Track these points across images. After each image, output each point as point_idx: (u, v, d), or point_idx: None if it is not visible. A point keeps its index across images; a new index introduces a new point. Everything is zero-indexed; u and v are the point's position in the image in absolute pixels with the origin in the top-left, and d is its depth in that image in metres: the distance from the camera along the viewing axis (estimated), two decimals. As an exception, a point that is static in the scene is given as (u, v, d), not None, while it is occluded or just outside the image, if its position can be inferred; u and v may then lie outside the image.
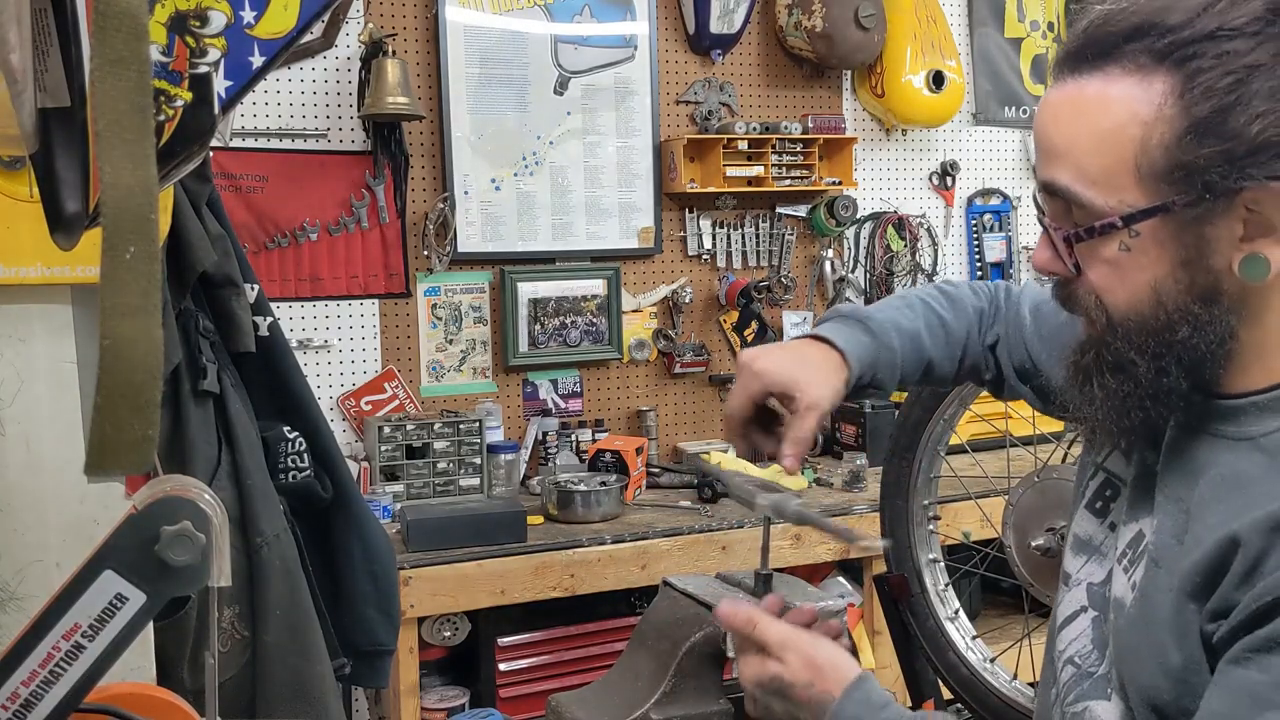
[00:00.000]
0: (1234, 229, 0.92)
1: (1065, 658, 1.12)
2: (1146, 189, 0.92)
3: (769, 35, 3.71)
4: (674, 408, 3.67)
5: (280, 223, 3.16)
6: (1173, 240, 0.93)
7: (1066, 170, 0.96)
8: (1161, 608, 0.97)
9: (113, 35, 0.70)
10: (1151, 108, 0.91)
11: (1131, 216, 0.93)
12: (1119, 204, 0.93)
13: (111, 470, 0.71)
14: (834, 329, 1.31)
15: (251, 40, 1.09)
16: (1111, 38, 0.93)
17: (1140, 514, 1.05)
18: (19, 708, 0.89)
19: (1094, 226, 0.95)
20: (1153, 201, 0.92)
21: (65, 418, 1.81)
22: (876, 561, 2.97)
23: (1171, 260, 0.93)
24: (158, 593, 0.91)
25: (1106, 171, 0.93)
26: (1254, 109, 0.88)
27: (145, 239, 0.70)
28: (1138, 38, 0.92)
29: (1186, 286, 0.94)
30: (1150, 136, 0.91)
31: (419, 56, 3.30)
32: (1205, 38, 0.89)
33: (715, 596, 1.32)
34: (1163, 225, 0.92)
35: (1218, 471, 0.97)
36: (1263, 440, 0.96)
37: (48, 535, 1.80)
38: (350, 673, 2.33)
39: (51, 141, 0.91)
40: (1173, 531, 0.98)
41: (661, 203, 3.59)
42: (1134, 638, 1.00)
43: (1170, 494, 1.00)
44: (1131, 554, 1.04)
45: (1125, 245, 0.94)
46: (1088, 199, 0.95)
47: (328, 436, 2.33)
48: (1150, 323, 0.95)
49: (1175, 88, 0.90)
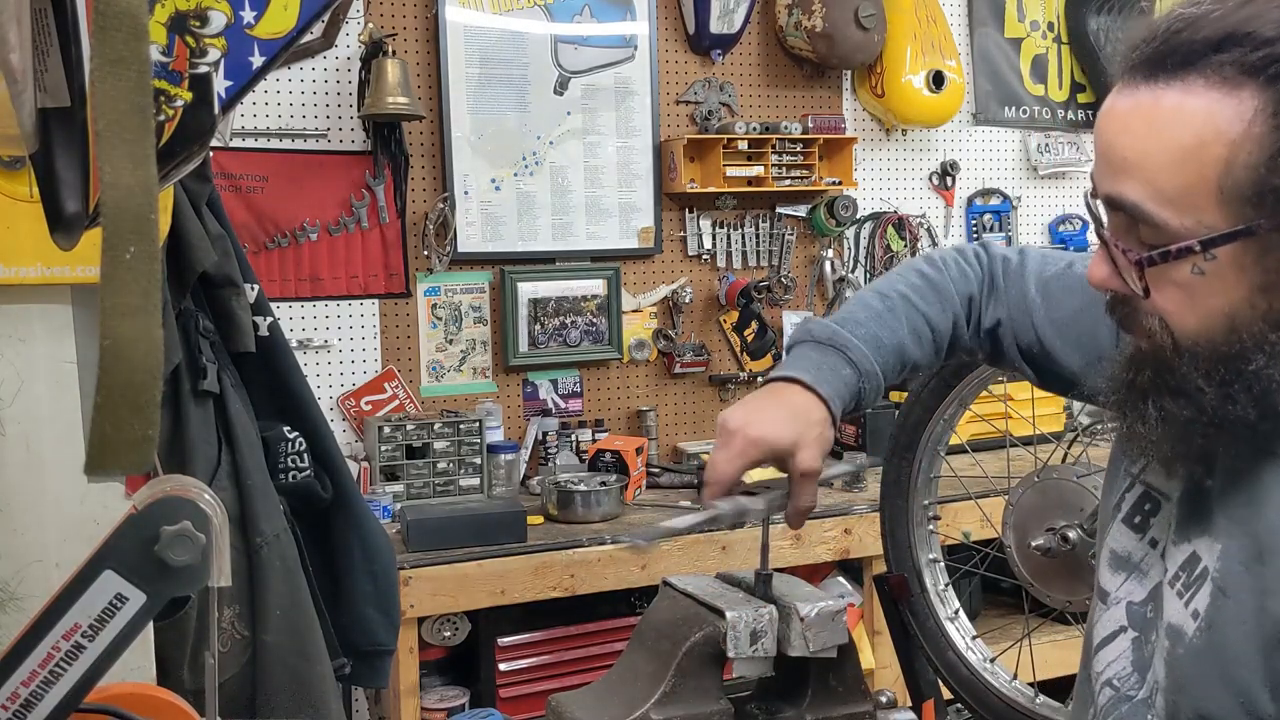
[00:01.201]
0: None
1: (1103, 680, 1.08)
2: (1228, 211, 0.87)
3: (769, 35, 3.71)
4: (674, 408, 3.67)
5: (280, 223, 3.16)
6: (1254, 265, 0.88)
7: (1138, 186, 0.90)
8: (1237, 643, 0.92)
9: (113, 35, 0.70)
10: (1240, 125, 0.86)
11: (1212, 241, 0.88)
12: (1196, 225, 0.88)
13: (111, 470, 0.71)
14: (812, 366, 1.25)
15: (251, 40, 1.09)
16: (1196, 46, 0.87)
17: (1193, 534, 0.99)
18: (19, 708, 0.89)
19: (1169, 250, 0.89)
20: (1234, 225, 0.87)
21: (65, 418, 1.81)
22: (876, 561, 2.97)
23: (1250, 286, 0.89)
24: (158, 593, 0.91)
25: (1184, 190, 0.88)
26: None
27: (145, 239, 0.70)
28: (1226, 48, 0.86)
29: (1264, 313, 0.89)
30: (1236, 156, 0.86)
31: (419, 56, 3.30)
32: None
33: (715, 596, 1.32)
34: (1244, 250, 0.88)
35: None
36: None
37: (48, 535, 1.80)
38: (350, 673, 2.33)
39: (51, 141, 0.91)
40: (1240, 559, 0.94)
41: (661, 203, 3.59)
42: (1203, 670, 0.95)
43: (1233, 516, 0.96)
44: (1186, 577, 0.99)
45: (1199, 269, 0.89)
46: (1162, 219, 0.89)
47: (328, 436, 2.33)
48: (1222, 349, 0.91)
49: (1266, 105, 0.85)
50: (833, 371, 1.25)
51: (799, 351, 1.29)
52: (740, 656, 1.28)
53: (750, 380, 3.69)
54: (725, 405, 3.70)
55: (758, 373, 3.68)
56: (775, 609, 1.29)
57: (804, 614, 1.28)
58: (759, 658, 1.29)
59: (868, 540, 3.06)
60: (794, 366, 1.26)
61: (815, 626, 1.28)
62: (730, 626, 1.27)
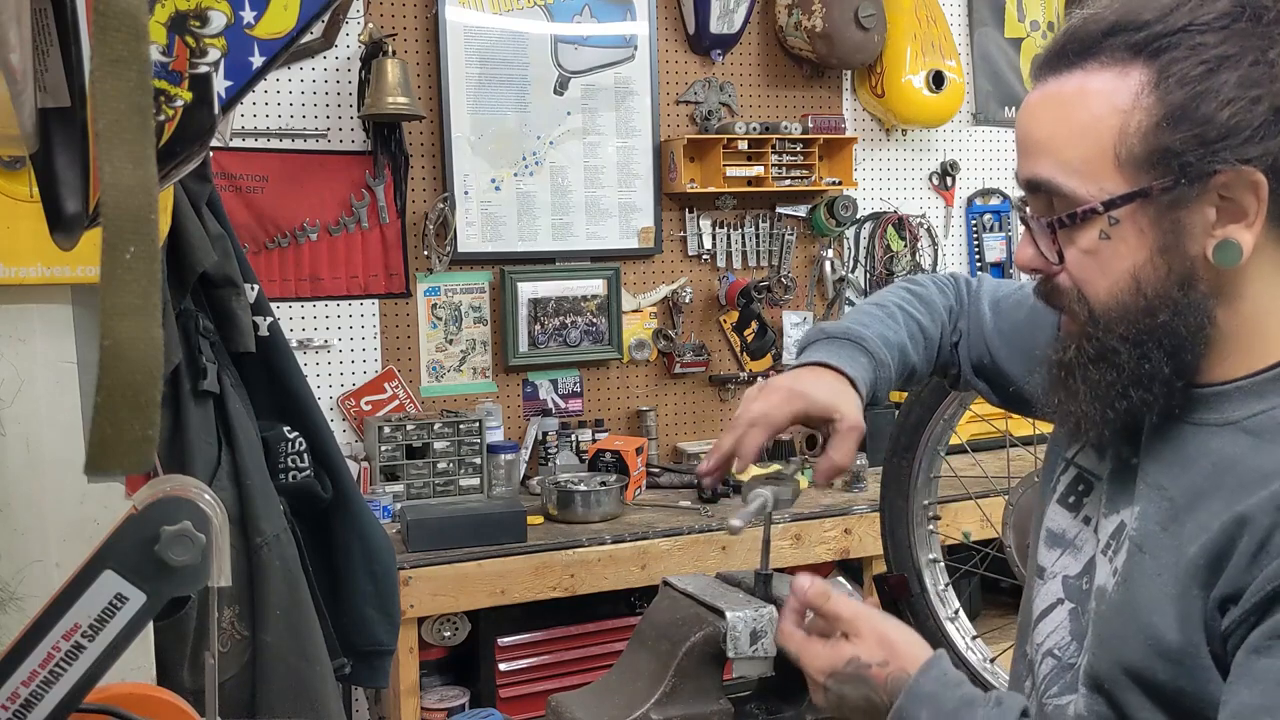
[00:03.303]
0: (1208, 215, 0.95)
1: (1044, 650, 1.14)
2: (1125, 175, 0.96)
3: (769, 35, 3.71)
4: (674, 408, 3.67)
5: (280, 223, 3.16)
6: (1151, 227, 0.96)
7: (1047, 163, 1.00)
8: (1149, 591, 0.99)
9: (113, 35, 0.70)
10: (1129, 97, 0.96)
11: (1112, 202, 0.97)
12: (1099, 191, 0.97)
13: (111, 470, 0.71)
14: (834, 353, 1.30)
15: (251, 40, 1.09)
16: (1090, 36, 0.98)
17: (1120, 506, 1.07)
18: (19, 708, 0.89)
19: (1076, 212, 0.98)
20: (1131, 187, 0.96)
21: (65, 418, 1.81)
22: (877, 561, 2.97)
23: (1150, 247, 0.97)
24: (158, 593, 0.91)
25: (1086, 160, 0.97)
26: (1224, 96, 0.92)
27: (145, 239, 0.70)
28: (1115, 34, 0.97)
29: (1165, 273, 0.97)
30: (1128, 124, 0.95)
31: (419, 56, 3.30)
32: (1178, 31, 0.94)
33: (715, 596, 1.32)
34: (1141, 211, 0.96)
35: (1209, 460, 0.99)
36: (1246, 423, 0.98)
37: (48, 535, 1.80)
38: (350, 673, 2.34)
39: (51, 141, 0.91)
40: (1157, 519, 1.01)
41: (661, 203, 3.59)
42: (1121, 622, 1.01)
43: (1152, 482, 1.03)
44: (1113, 543, 1.06)
45: (1105, 233, 0.98)
46: (1069, 188, 0.98)
47: (328, 436, 2.33)
48: (1131, 310, 0.98)
49: (1151, 78, 0.95)
50: (852, 359, 1.30)
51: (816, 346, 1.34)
52: (740, 656, 1.28)
53: (750, 380, 3.69)
54: (725, 405, 3.70)
55: (758, 373, 3.68)
56: (775, 609, 1.29)
57: (804, 614, 1.28)
58: (759, 658, 1.29)
59: (868, 540, 3.06)
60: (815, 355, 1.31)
61: (815, 626, 1.28)
62: (730, 626, 1.27)
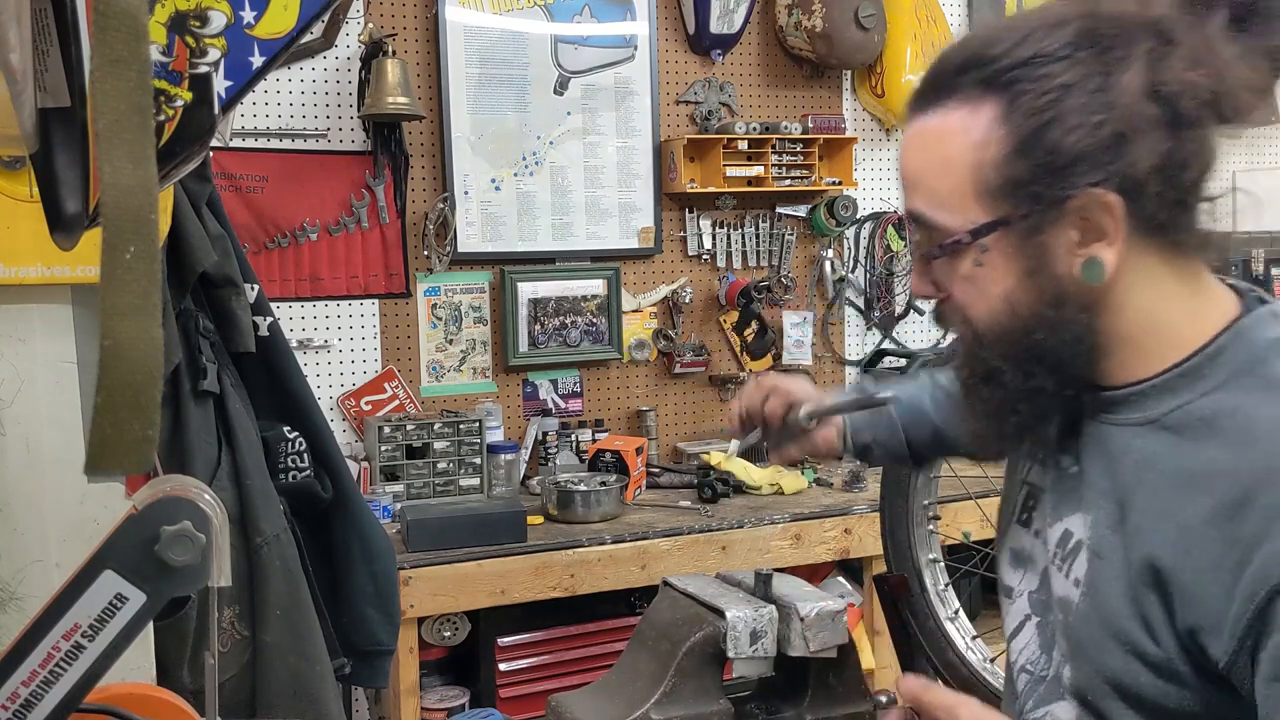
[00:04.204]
0: (1070, 236, 0.99)
1: (1019, 666, 1.16)
2: (987, 206, 1.01)
3: (769, 35, 3.71)
4: (674, 408, 3.67)
5: (280, 223, 3.16)
6: (1017, 252, 1.01)
7: (920, 198, 1.05)
8: (1114, 597, 1.01)
9: (113, 35, 0.70)
10: (982, 131, 1.00)
11: (976, 231, 1.01)
12: (966, 222, 1.02)
13: (111, 470, 0.71)
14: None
15: (251, 40, 1.09)
16: (946, 75, 1.03)
17: (1064, 513, 1.09)
18: (19, 708, 0.89)
19: (944, 244, 1.03)
20: (993, 217, 1.01)
21: (65, 418, 1.81)
22: (877, 561, 2.97)
23: (1019, 270, 1.01)
24: (158, 593, 0.91)
25: (951, 194, 1.02)
26: (1069, 123, 0.96)
27: (145, 239, 0.70)
28: (967, 71, 1.01)
29: (1036, 294, 1.01)
30: (983, 158, 1.00)
31: (419, 56, 3.30)
32: (1024, 64, 0.98)
33: (715, 596, 1.32)
34: (1006, 238, 1.01)
35: (1132, 458, 1.03)
36: (1165, 419, 1.02)
37: (48, 535, 1.80)
38: (350, 673, 2.33)
39: (51, 141, 0.91)
40: (1108, 523, 1.03)
41: (661, 203, 3.59)
42: (1092, 631, 1.02)
43: (1096, 488, 1.06)
44: (1063, 552, 1.08)
45: (978, 261, 1.02)
46: (940, 221, 1.04)
47: (328, 436, 2.33)
48: (1009, 330, 1.03)
49: (1002, 111, 0.99)
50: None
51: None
52: (740, 656, 1.28)
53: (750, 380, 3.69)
54: (725, 405, 3.70)
55: (757, 373, 3.68)
56: (775, 609, 1.29)
57: (804, 614, 1.28)
58: (759, 658, 1.29)
59: (868, 540, 3.06)
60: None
61: (815, 626, 1.29)
62: (730, 626, 1.27)
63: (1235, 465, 0.95)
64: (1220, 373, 1.00)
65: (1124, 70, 0.95)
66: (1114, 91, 0.95)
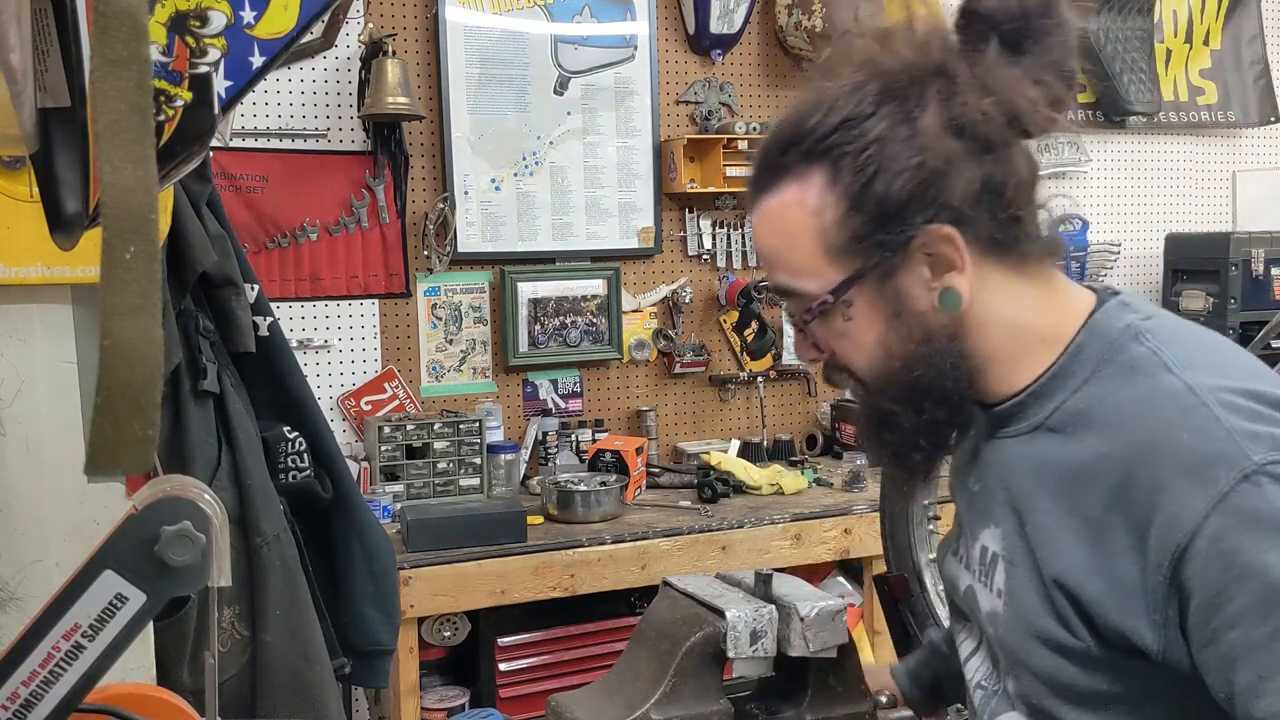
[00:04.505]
0: (922, 273, 1.05)
1: (975, 684, 1.20)
2: (838, 265, 1.06)
3: (769, 35, 3.71)
4: (674, 408, 3.67)
5: (280, 223, 3.16)
6: (878, 300, 1.07)
7: (779, 273, 1.11)
8: (1028, 599, 1.05)
9: (113, 35, 0.70)
10: (816, 199, 1.05)
11: (835, 290, 1.07)
12: (825, 284, 1.07)
13: (111, 470, 0.71)
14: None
15: (251, 40, 1.09)
16: (771, 159, 1.09)
17: (978, 531, 1.14)
18: (19, 708, 0.89)
19: (811, 309, 1.09)
20: (847, 274, 1.06)
21: (65, 418, 1.81)
22: (876, 561, 2.97)
23: (885, 315, 1.07)
24: (158, 593, 0.91)
25: (804, 262, 1.08)
26: (891, 171, 1.02)
27: (145, 239, 0.70)
28: (787, 150, 1.07)
29: (906, 333, 1.06)
30: (823, 222, 1.05)
31: (419, 56, 3.30)
32: (837, 129, 1.04)
33: (715, 596, 1.32)
34: (864, 290, 1.06)
35: (1029, 464, 1.07)
36: (1049, 423, 1.07)
37: (48, 535, 1.80)
38: (350, 673, 2.33)
39: (51, 141, 0.91)
40: (1014, 530, 1.08)
41: (661, 203, 3.59)
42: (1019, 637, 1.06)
43: (998, 500, 1.11)
44: (983, 568, 1.13)
45: (846, 316, 1.08)
46: (801, 288, 1.09)
47: (328, 437, 2.33)
48: (892, 373, 1.08)
49: (828, 177, 1.05)
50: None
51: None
52: (740, 656, 1.28)
53: (750, 380, 3.69)
54: (725, 405, 3.70)
55: (758, 373, 3.68)
56: (775, 609, 1.29)
57: (804, 614, 1.28)
58: (759, 658, 1.29)
59: (868, 540, 3.06)
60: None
61: (815, 626, 1.29)
62: (730, 626, 1.27)
63: (1111, 450, 0.99)
64: (1085, 368, 1.05)
65: (923, 112, 1.02)
66: (920, 134, 1.01)
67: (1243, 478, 0.91)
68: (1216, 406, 0.96)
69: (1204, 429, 0.95)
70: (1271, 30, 4.41)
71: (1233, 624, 0.90)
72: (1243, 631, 0.90)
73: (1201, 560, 0.91)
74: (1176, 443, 0.95)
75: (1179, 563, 0.92)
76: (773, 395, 3.77)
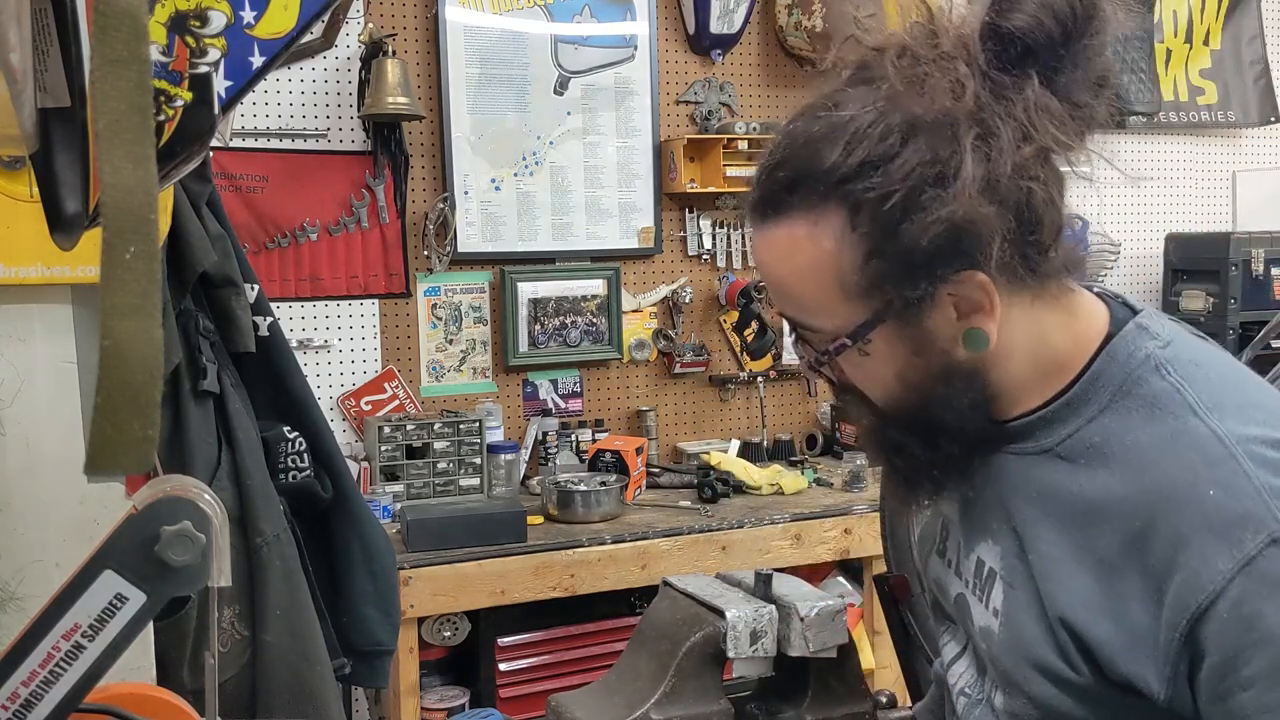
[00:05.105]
0: (948, 314, 1.00)
1: (958, 690, 1.19)
2: (858, 306, 1.00)
3: (769, 35, 3.71)
4: (674, 408, 3.67)
5: (280, 223, 3.16)
6: (899, 338, 1.01)
7: (790, 306, 1.06)
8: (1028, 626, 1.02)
9: (113, 35, 0.70)
10: (833, 240, 0.98)
11: (855, 333, 1.01)
12: (843, 323, 1.02)
13: (111, 470, 0.71)
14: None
15: (251, 40, 1.09)
16: (777, 193, 1.02)
17: (974, 542, 1.11)
18: (19, 708, 0.89)
19: (829, 349, 1.04)
20: (867, 315, 1.00)
21: (65, 418, 1.81)
22: (877, 561, 2.97)
23: (904, 353, 1.02)
24: (158, 593, 0.91)
25: (819, 300, 1.02)
26: (919, 223, 0.95)
27: (145, 239, 0.70)
28: (795, 190, 1.00)
29: (925, 369, 1.02)
30: (840, 264, 0.99)
31: (419, 56, 3.30)
32: (857, 172, 0.96)
33: (715, 596, 1.32)
34: (884, 331, 1.01)
35: (1033, 489, 1.04)
36: (1059, 449, 1.03)
37: (48, 535, 1.80)
38: (350, 673, 2.33)
39: (51, 141, 0.90)
40: (1014, 552, 1.05)
41: (661, 203, 3.59)
42: (1014, 658, 1.04)
43: (997, 516, 1.08)
44: (978, 581, 1.10)
45: (863, 351, 1.03)
46: (816, 325, 1.04)
47: (328, 437, 2.33)
48: (907, 404, 1.04)
49: (846, 219, 0.97)
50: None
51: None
52: (740, 656, 1.28)
53: (750, 380, 3.69)
54: (725, 405, 3.70)
55: (758, 373, 3.68)
56: (775, 609, 1.29)
57: (804, 614, 1.28)
58: (759, 658, 1.29)
59: (868, 540, 3.06)
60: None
61: (815, 626, 1.29)
62: (730, 626, 1.27)
63: (1130, 494, 0.96)
64: (1101, 396, 1.02)
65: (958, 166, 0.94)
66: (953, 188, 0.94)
67: (1271, 542, 0.89)
68: (1245, 460, 0.92)
69: (1232, 484, 0.92)
70: (1271, 30, 4.41)
71: (1247, 685, 0.89)
72: (1256, 694, 0.88)
73: (1222, 622, 0.89)
74: (1202, 497, 0.92)
75: (1197, 622, 0.90)
76: (773, 395, 3.77)
